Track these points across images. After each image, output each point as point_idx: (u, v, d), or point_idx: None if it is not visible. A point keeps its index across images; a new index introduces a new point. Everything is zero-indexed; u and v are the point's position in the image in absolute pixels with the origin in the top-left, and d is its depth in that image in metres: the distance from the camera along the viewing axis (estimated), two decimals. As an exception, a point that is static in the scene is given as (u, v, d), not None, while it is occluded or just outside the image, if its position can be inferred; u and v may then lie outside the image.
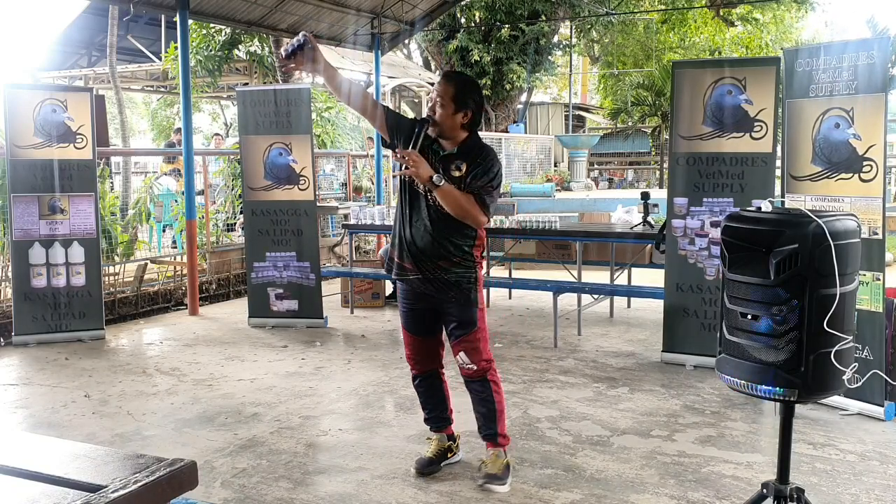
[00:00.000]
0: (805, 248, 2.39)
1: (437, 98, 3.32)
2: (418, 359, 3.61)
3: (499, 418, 3.47)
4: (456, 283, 3.37)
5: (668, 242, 5.46)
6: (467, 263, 3.38)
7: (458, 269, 3.36)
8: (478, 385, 3.47)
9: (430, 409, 3.67)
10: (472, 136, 3.40)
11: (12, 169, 6.21)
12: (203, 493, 3.35)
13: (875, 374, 4.05)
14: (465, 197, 3.25)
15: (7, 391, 5.05)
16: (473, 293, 3.41)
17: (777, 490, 2.64)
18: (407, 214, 3.39)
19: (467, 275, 3.38)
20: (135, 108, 28.07)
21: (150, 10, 8.84)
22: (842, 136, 4.30)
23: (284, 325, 6.77)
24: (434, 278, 3.36)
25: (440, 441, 3.66)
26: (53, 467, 1.33)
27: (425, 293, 3.43)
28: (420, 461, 3.61)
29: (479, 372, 3.44)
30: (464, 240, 3.36)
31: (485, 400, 3.46)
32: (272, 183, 6.81)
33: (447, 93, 3.31)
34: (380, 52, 10.70)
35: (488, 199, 3.30)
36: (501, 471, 3.43)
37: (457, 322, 3.41)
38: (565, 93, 26.08)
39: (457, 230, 3.34)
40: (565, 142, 18.17)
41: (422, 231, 3.34)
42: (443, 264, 3.34)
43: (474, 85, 3.49)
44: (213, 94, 17.75)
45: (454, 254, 3.35)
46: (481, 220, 3.31)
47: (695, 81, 5.27)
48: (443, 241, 3.32)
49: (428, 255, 3.34)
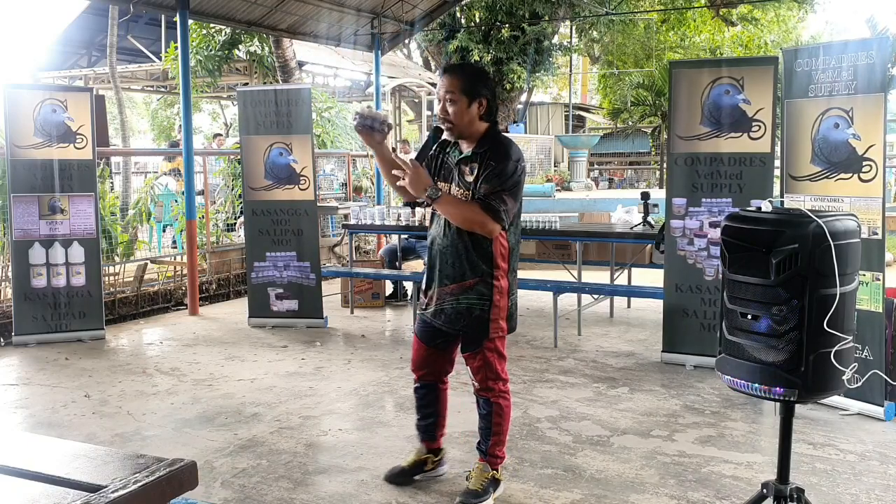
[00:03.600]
0: (805, 248, 2.39)
1: (446, 95, 3.04)
2: (420, 366, 3.41)
3: (494, 439, 3.28)
4: (467, 309, 3.12)
5: (667, 243, 5.46)
6: (487, 285, 3.09)
7: (474, 292, 3.09)
8: (483, 402, 3.29)
9: (422, 418, 3.49)
10: (490, 129, 3.11)
11: (12, 169, 6.21)
12: (203, 493, 3.35)
13: (875, 374, 4.05)
14: (467, 206, 3.00)
15: (7, 391, 5.05)
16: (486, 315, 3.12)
17: (777, 490, 2.64)
18: (431, 237, 3.21)
19: (481, 300, 3.10)
20: (135, 108, 28.09)
21: (150, 10, 8.84)
22: (841, 136, 4.30)
23: (284, 325, 6.77)
24: (442, 308, 3.17)
25: (419, 452, 3.49)
26: (53, 467, 1.34)
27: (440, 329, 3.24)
28: (392, 469, 3.47)
29: (485, 392, 3.25)
30: (481, 256, 3.08)
31: (484, 417, 3.29)
32: (272, 183, 6.81)
33: (455, 85, 3.02)
34: (380, 52, 10.70)
35: (498, 205, 2.97)
36: (483, 486, 3.25)
37: (465, 339, 3.24)
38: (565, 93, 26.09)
39: (473, 244, 3.08)
40: (565, 142, 18.17)
41: (440, 252, 3.15)
42: (457, 288, 3.11)
43: (482, 71, 3.31)
44: (213, 94, 17.77)
45: (474, 273, 3.08)
46: (491, 228, 3.00)
47: (692, 81, 5.27)
48: (457, 260, 3.09)
49: (441, 281, 3.15)
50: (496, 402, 3.25)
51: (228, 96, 18.19)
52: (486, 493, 3.25)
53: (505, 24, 17.08)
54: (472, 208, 3.00)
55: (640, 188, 14.87)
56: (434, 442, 3.51)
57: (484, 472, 3.29)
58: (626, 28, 21.62)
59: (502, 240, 3.10)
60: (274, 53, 12.65)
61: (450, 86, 3.03)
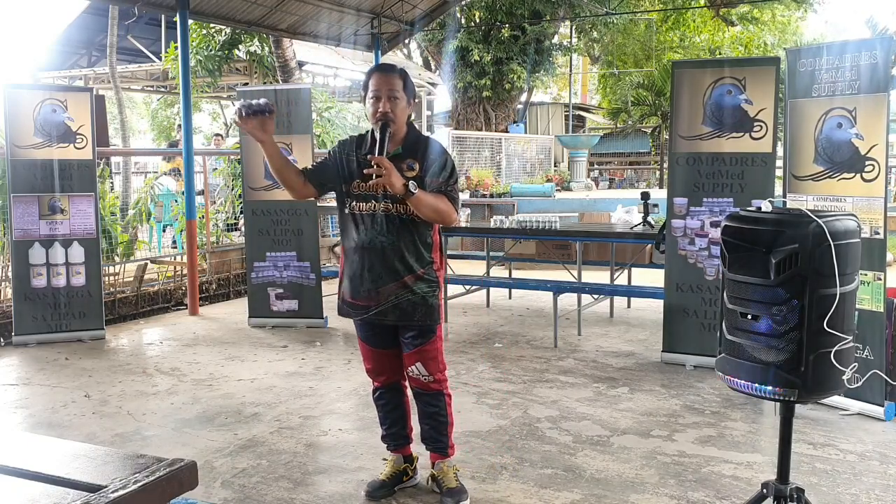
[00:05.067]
0: (805, 247, 2.39)
1: (388, 92, 3.05)
2: (380, 370, 3.36)
3: (450, 430, 3.33)
4: (422, 299, 3.15)
5: (667, 242, 5.46)
6: (431, 274, 3.18)
7: (421, 283, 3.14)
8: (431, 398, 3.28)
9: (390, 425, 3.43)
10: (411, 129, 3.20)
11: (12, 169, 6.21)
12: (203, 493, 3.35)
13: (875, 374, 4.04)
14: (437, 199, 3.05)
15: (7, 391, 5.04)
16: (437, 302, 3.21)
17: (777, 490, 2.64)
18: (356, 241, 3.15)
19: (432, 288, 3.18)
20: (135, 108, 28.08)
21: (150, 10, 8.84)
22: (844, 135, 4.30)
23: (284, 325, 6.77)
24: (397, 303, 3.13)
25: (395, 463, 3.43)
26: (53, 467, 1.33)
27: (386, 324, 3.20)
28: (372, 483, 3.40)
29: (437, 384, 3.26)
30: (425, 247, 3.17)
31: (437, 414, 3.29)
32: (272, 183, 6.79)
33: (397, 85, 3.08)
34: (380, 52, 10.70)
35: (456, 195, 3.14)
36: (458, 481, 3.31)
37: (416, 331, 3.20)
38: (565, 93, 26.07)
39: (418, 237, 3.14)
40: (565, 142, 18.16)
41: (379, 251, 3.11)
42: (407, 281, 3.12)
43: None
44: (213, 94, 17.76)
45: (417, 266, 3.13)
46: (455, 217, 3.15)
47: (694, 81, 5.27)
48: (405, 254, 3.11)
49: (389, 277, 3.11)
50: (446, 394, 3.32)
51: (228, 96, 18.18)
52: (463, 487, 3.32)
53: (505, 24, 17.08)
54: (442, 200, 3.08)
55: (640, 188, 14.87)
56: (406, 447, 3.47)
57: (450, 467, 3.35)
58: (626, 28, 21.63)
59: (437, 232, 3.26)
60: (274, 53, 12.64)
61: (392, 84, 3.09)
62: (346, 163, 3.18)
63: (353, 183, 3.15)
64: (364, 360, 3.42)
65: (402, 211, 3.10)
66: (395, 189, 2.95)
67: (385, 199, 3.09)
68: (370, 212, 3.12)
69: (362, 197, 3.14)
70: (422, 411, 3.34)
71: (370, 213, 3.12)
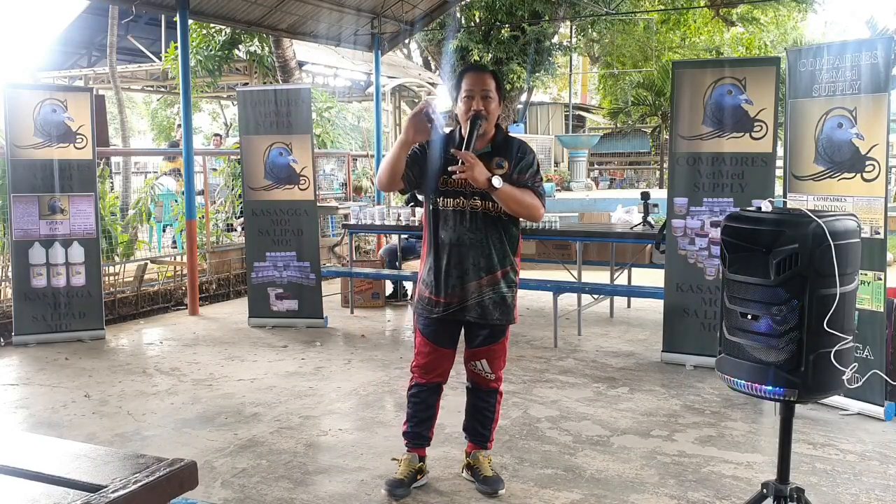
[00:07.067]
0: (805, 247, 2.39)
1: (482, 92, 3.11)
2: (432, 368, 3.33)
3: (494, 425, 3.46)
4: (502, 298, 3.18)
5: (668, 242, 5.46)
6: (514, 272, 3.22)
7: (504, 281, 3.17)
8: (485, 394, 3.36)
9: (417, 423, 3.42)
10: (499, 129, 3.24)
11: (12, 169, 6.21)
12: (203, 493, 3.35)
13: (875, 374, 4.04)
14: (524, 193, 3.09)
15: (7, 391, 5.04)
16: (514, 301, 3.26)
17: (777, 490, 2.63)
18: (443, 238, 3.16)
19: (511, 287, 3.21)
20: (135, 108, 28.09)
21: (150, 10, 8.84)
22: (844, 135, 4.30)
23: (284, 325, 6.77)
24: (480, 300, 3.15)
25: (410, 462, 3.41)
26: (53, 467, 1.33)
27: (459, 322, 3.22)
28: (391, 482, 3.36)
29: (496, 382, 3.35)
30: (511, 245, 3.20)
31: (487, 409, 3.39)
32: (272, 183, 6.81)
33: (490, 85, 3.13)
34: (380, 52, 10.70)
35: (543, 191, 3.19)
36: (494, 472, 3.40)
37: (490, 329, 3.23)
38: (565, 93, 26.07)
39: (505, 235, 3.18)
40: (565, 142, 18.18)
41: (467, 248, 3.13)
42: (492, 278, 3.14)
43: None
44: (213, 94, 17.76)
45: (502, 264, 3.17)
46: (542, 213, 3.17)
47: (695, 81, 5.27)
48: (491, 252, 3.14)
49: (475, 274, 3.13)
50: (500, 391, 3.42)
51: (228, 96, 18.18)
52: (499, 476, 3.41)
53: (505, 24, 17.08)
54: (528, 193, 3.11)
55: (640, 188, 14.87)
56: (423, 448, 3.48)
57: (486, 457, 3.44)
58: (625, 28, 21.62)
59: (518, 230, 3.28)
60: (274, 53, 12.64)
61: (486, 84, 3.13)
62: (435, 159, 3.20)
63: (440, 179, 3.17)
64: (417, 356, 3.38)
65: (491, 208, 3.13)
66: (478, 183, 2.97)
67: (473, 195, 3.12)
68: (459, 208, 3.15)
69: (450, 193, 3.16)
70: (472, 405, 3.42)
71: (459, 209, 3.15)
